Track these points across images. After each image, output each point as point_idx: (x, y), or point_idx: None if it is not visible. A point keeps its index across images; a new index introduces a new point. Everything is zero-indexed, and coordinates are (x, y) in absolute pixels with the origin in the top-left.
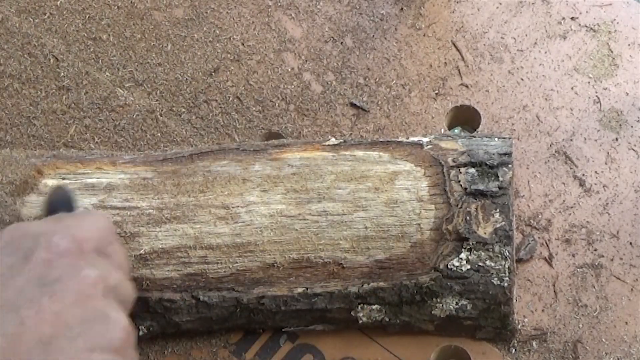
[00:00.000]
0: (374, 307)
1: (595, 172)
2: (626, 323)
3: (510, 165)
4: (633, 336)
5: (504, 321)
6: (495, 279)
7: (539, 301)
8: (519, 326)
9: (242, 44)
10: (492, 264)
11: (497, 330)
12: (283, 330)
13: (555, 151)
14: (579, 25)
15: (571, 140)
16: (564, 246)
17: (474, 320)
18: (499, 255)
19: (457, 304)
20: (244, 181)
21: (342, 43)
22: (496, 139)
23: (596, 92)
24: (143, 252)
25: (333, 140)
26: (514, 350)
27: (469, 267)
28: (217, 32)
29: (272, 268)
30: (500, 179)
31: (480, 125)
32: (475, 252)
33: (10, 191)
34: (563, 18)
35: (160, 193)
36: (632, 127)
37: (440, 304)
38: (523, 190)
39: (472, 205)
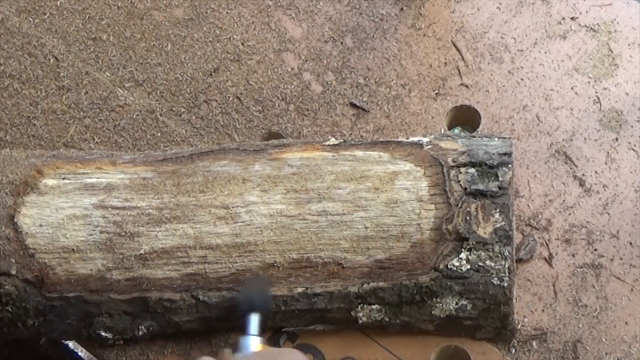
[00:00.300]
0: (374, 307)
1: (595, 172)
2: (626, 323)
3: (510, 165)
4: (633, 336)
5: (504, 321)
6: (495, 279)
7: (539, 301)
8: (519, 326)
9: (242, 44)
10: (492, 264)
11: (497, 330)
12: (283, 330)
13: (555, 151)
14: (579, 25)
15: (571, 140)
16: (564, 246)
17: (474, 320)
18: (499, 255)
19: (457, 304)
20: (244, 181)
21: (342, 43)
22: (496, 139)
23: (596, 92)
24: (143, 252)
25: (333, 140)
26: (514, 350)
27: (469, 267)
28: (217, 32)
29: (272, 268)
30: (500, 179)
31: (480, 125)
32: (475, 252)
33: (11, 191)
34: (563, 18)
35: (160, 193)
36: (632, 127)
37: (440, 304)
38: (523, 190)
39: (472, 205)
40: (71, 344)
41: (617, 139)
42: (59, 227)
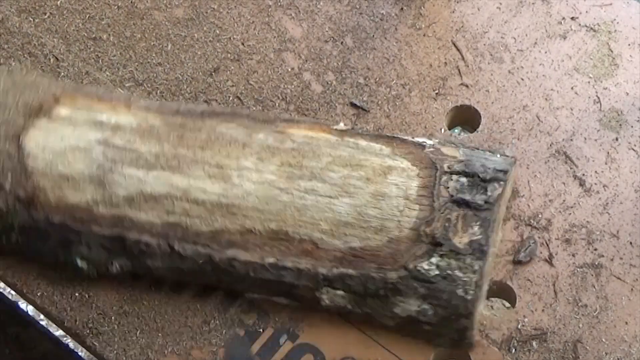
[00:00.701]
0: (338, 292)
1: (595, 172)
2: (626, 323)
3: (502, 183)
4: (633, 336)
5: (462, 334)
6: (461, 290)
7: (539, 301)
8: (519, 326)
9: (242, 44)
10: (461, 275)
11: (454, 342)
12: (246, 295)
13: (555, 151)
14: (579, 25)
15: (571, 140)
16: (564, 246)
17: (432, 327)
18: (469, 267)
19: (419, 306)
20: (243, 146)
21: (342, 43)
22: (498, 155)
23: (596, 92)
24: (132, 194)
25: (342, 126)
26: (514, 350)
27: (437, 272)
28: (217, 32)
29: (249, 234)
30: (489, 193)
31: (480, 125)
32: (446, 259)
33: (24, 112)
34: (563, 18)
35: (162, 142)
36: (632, 127)
37: (403, 303)
38: (523, 190)
39: (453, 213)
40: (71, 344)
41: (617, 139)
42: (60, 155)
